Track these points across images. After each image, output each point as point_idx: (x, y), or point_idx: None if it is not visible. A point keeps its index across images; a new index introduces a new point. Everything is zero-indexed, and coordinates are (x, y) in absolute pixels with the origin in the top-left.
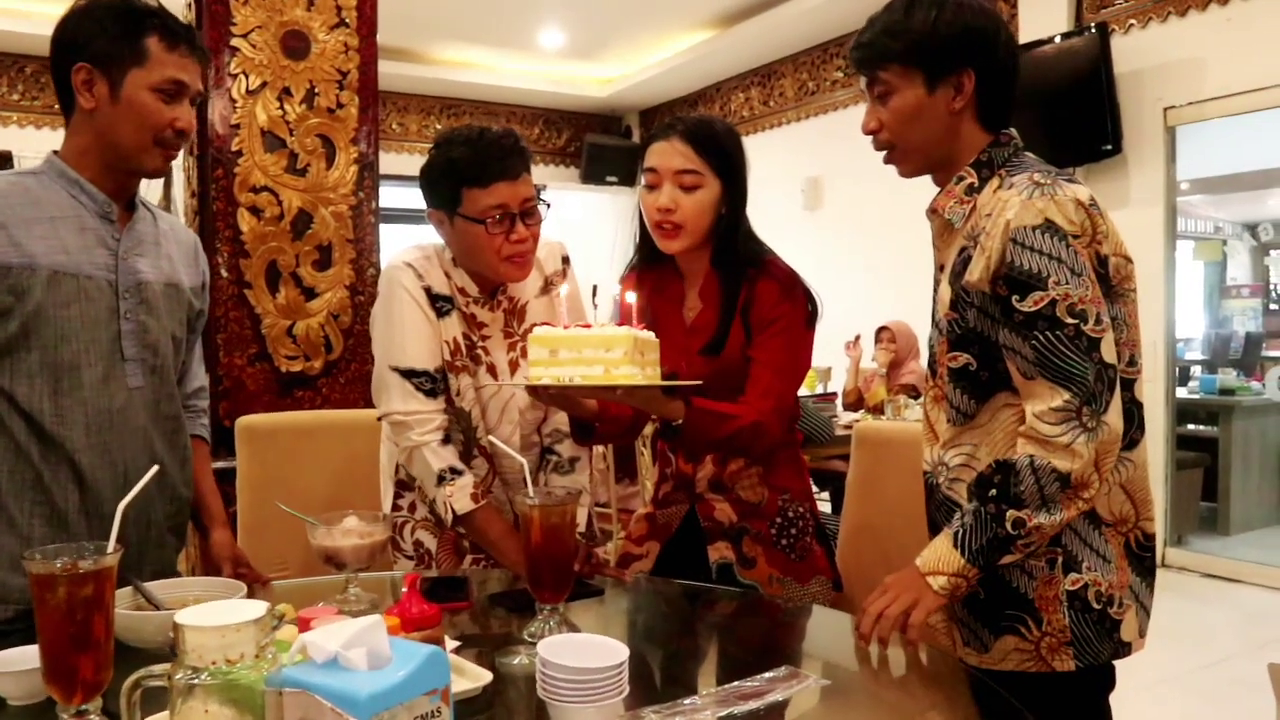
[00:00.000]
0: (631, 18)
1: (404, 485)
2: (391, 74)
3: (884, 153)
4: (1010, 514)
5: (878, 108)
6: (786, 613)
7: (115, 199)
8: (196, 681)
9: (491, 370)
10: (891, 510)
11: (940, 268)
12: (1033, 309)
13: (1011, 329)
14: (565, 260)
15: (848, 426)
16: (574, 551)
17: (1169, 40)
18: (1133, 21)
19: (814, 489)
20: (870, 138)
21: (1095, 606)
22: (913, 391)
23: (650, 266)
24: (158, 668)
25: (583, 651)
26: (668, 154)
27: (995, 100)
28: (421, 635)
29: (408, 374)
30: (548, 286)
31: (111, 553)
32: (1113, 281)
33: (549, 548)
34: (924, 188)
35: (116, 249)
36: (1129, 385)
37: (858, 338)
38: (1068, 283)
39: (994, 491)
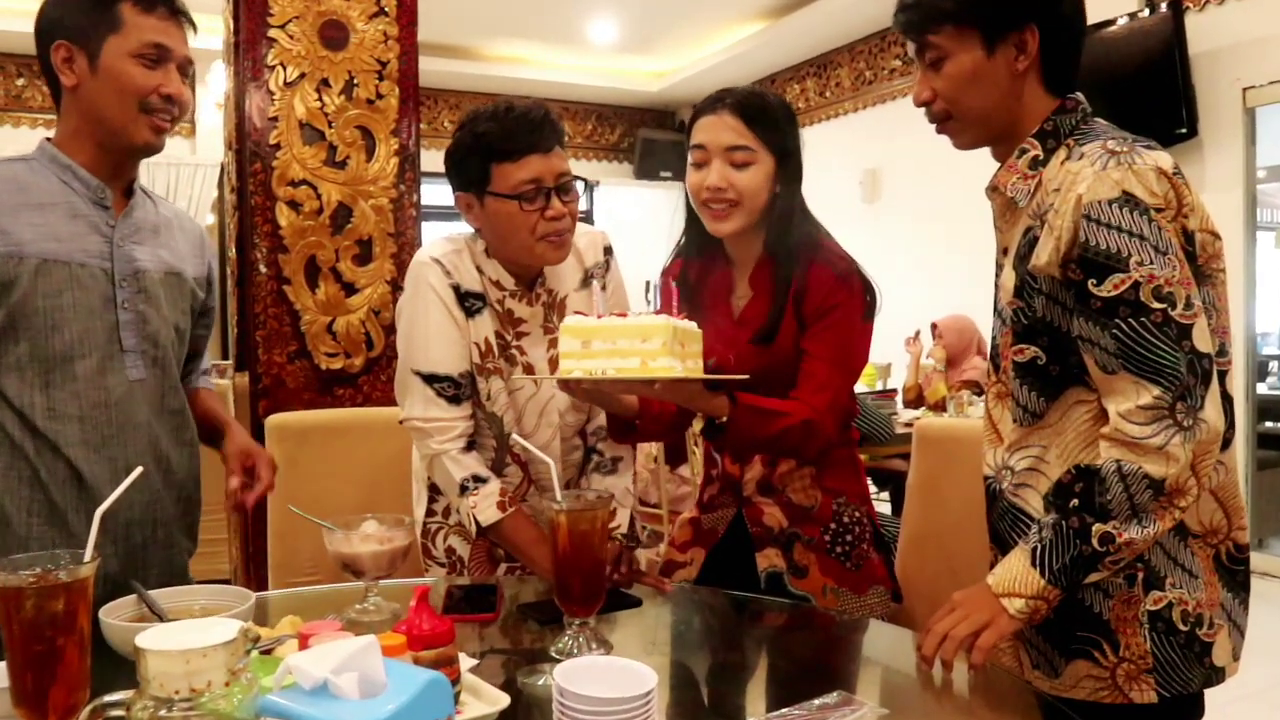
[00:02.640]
0: (683, 10)
1: (438, 489)
2: (442, 71)
3: (937, 124)
4: (1097, 528)
5: (930, 75)
6: (841, 627)
7: (110, 184)
8: (162, 714)
9: (529, 370)
10: (956, 515)
11: (1004, 251)
12: (1112, 294)
13: (1088, 318)
14: (608, 251)
15: (908, 424)
16: (605, 562)
17: (1248, 16)
18: None
19: (873, 490)
20: (924, 111)
21: (1182, 628)
22: (975, 388)
23: (698, 254)
24: (117, 696)
25: (606, 677)
26: (716, 129)
27: (1061, 59)
28: (432, 654)
29: (429, 379)
30: (588, 279)
31: (87, 563)
32: (1199, 261)
33: (578, 557)
34: (982, 178)
35: (111, 236)
36: (1220, 378)
37: (918, 333)
38: (1152, 262)
39: (1076, 502)
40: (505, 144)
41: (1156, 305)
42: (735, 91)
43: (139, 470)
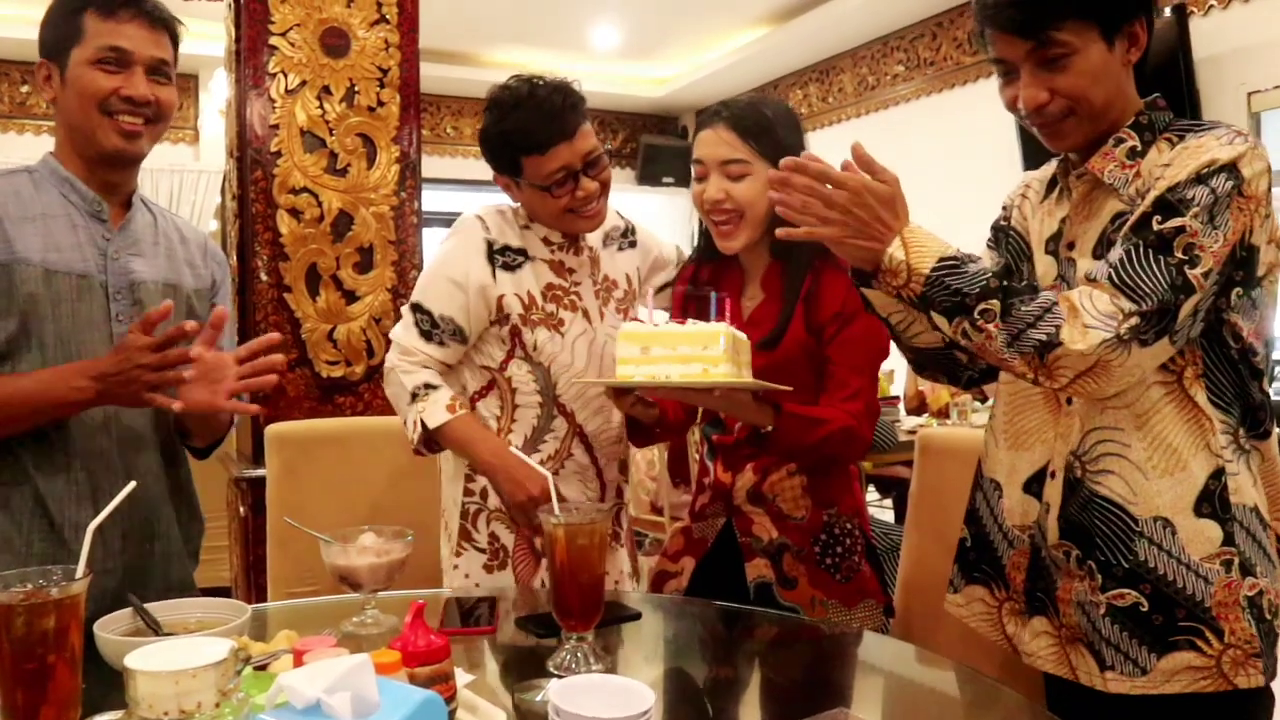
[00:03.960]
0: (686, 16)
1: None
2: (444, 77)
3: (1049, 124)
4: (992, 304)
5: (1044, 75)
6: (834, 640)
7: (107, 197)
8: None
9: (586, 315)
10: (959, 526)
11: (1070, 245)
12: (1157, 227)
13: (1124, 238)
14: (630, 231)
15: (911, 431)
16: (603, 576)
17: (1252, 21)
18: (1212, 3)
19: (875, 497)
20: (1027, 114)
21: (1268, 616)
22: (979, 394)
23: (710, 257)
24: (108, 716)
25: (603, 696)
26: (712, 144)
27: (1146, 53)
28: (428, 671)
29: (415, 307)
30: (607, 240)
31: (79, 579)
32: (1260, 270)
33: (576, 571)
34: (984, 184)
35: (106, 249)
36: (1258, 375)
37: None
38: (1202, 224)
39: (1009, 283)
40: (531, 139)
41: (1179, 255)
42: (732, 105)
43: (131, 485)
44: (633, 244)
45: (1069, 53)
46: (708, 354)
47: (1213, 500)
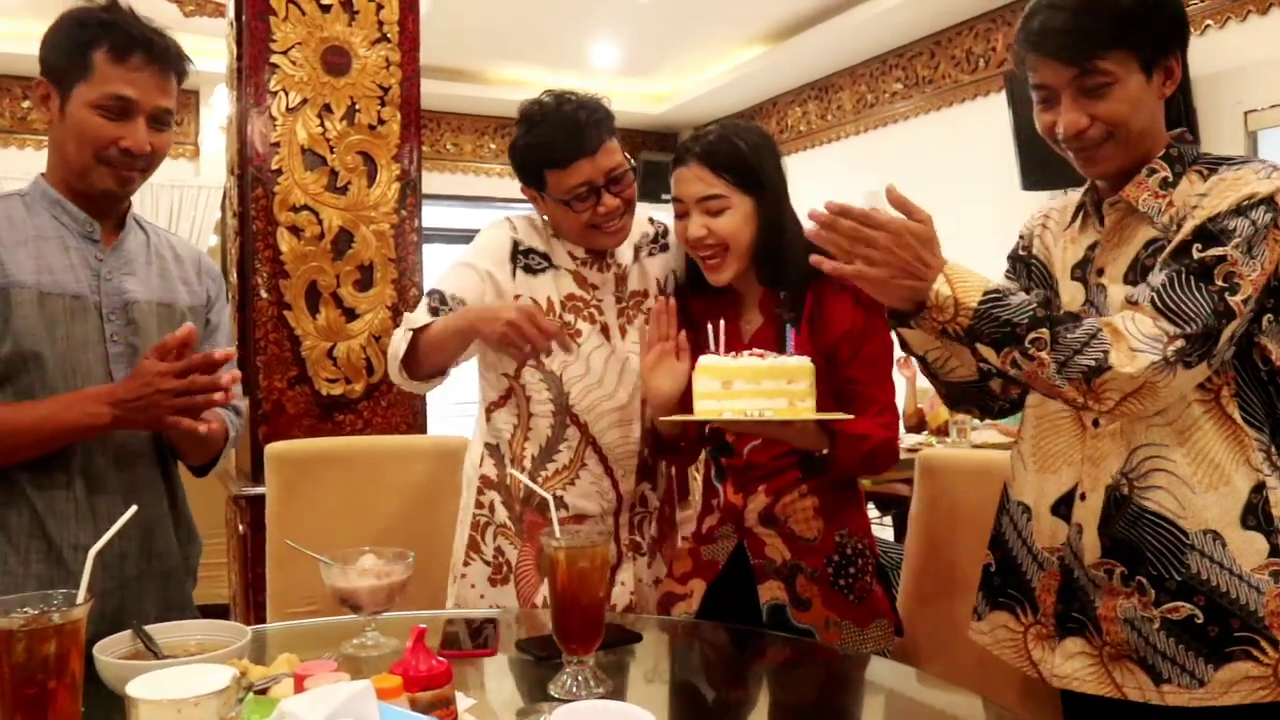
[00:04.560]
0: (685, 34)
1: (489, 482)
2: (445, 94)
3: (1085, 151)
4: (1042, 332)
5: (1084, 102)
6: (845, 662)
7: (99, 218)
8: None
9: (605, 331)
10: (959, 547)
11: (1099, 271)
12: (1198, 255)
13: (1163, 265)
14: (662, 234)
15: (911, 449)
16: (604, 600)
17: (1249, 40)
18: (1209, 22)
19: (875, 514)
20: (1066, 140)
21: None
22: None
23: (699, 287)
24: None
25: None
26: (688, 181)
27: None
28: (429, 695)
29: (430, 293)
30: (637, 254)
31: (80, 604)
32: None
33: (577, 594)
34: (983, 201)
35: (99, 269)
36: None
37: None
38: (1241, 254)
39: (1054, 314)
40: (553, 154)
41: (1219, 283)
42: (702, 137)
43: (133, 509)
44: (664, 247)
45: (1110, 81)
46: (793, 388)
47: (1257, 513)
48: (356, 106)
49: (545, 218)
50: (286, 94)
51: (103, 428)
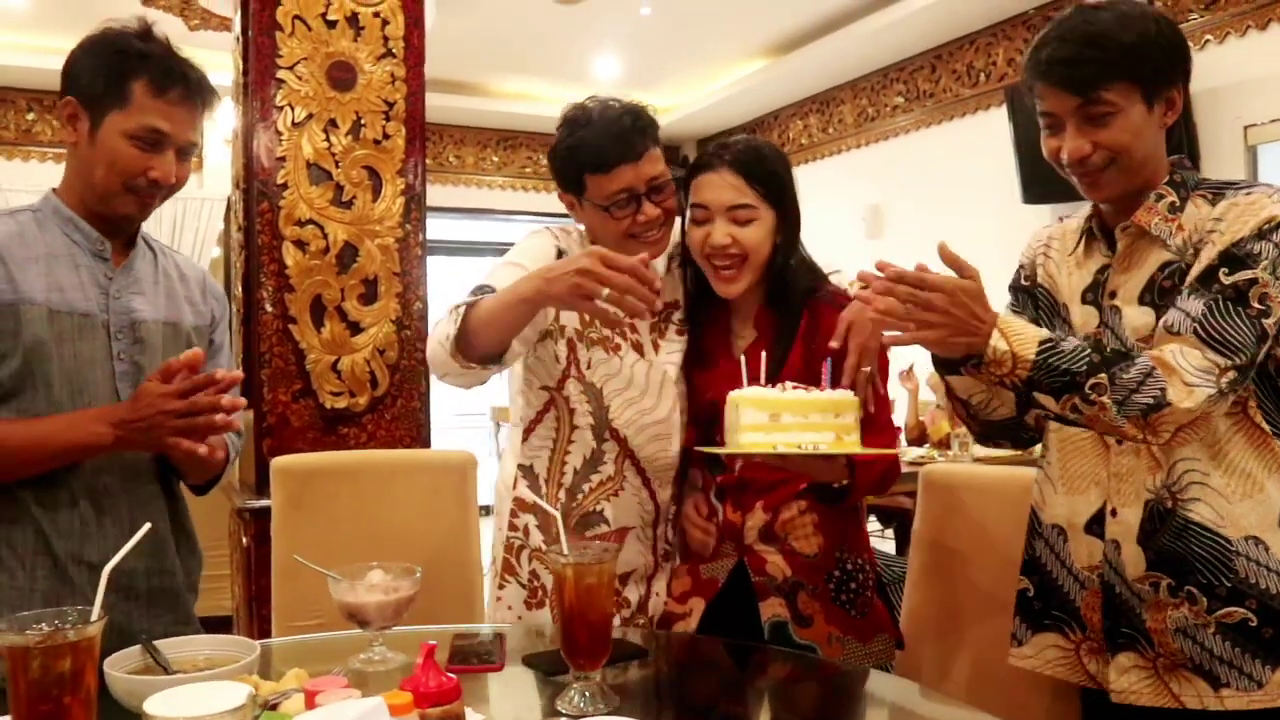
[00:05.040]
0: (687, 47)
1: (523, 505)
2: (448, 107)
3: (1089, 175)
4: (1101, 377)
5: (1087, 129)
6: (848, 677)
7: (110, 236)
8: None
9: (637, 348)
10: (963, 564)
11: (1112, 294)
12: (1228, 280)
13: (1192, 290)
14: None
15: (912, 463)
16: (611, 615)
17: (1248, 56)
18: (1209, 37)
19: (879, 527)
20: (1070, 165)
21: None
22: None
23: (697, 298)
24: None
25: None
26: (718, 188)
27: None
28: (439, 711)
29: (479, 288)
30: (669, 265)
31: (95, 621)
32: None
33: (584, 610)
34: (984, 215)
35: (108, 288)
36: None
37: (910, 367)
38: (1272, 277)
39: (1108, 355)
40: (596, 157)
41: (1256, 305)
42: (732, 146)
43: (147, 526)
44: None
45: (1113, 111)
46: (841, 422)
47: None
48: (362, 121)
49: (582, 227)
50: (292, 109)
51: (105, 447)
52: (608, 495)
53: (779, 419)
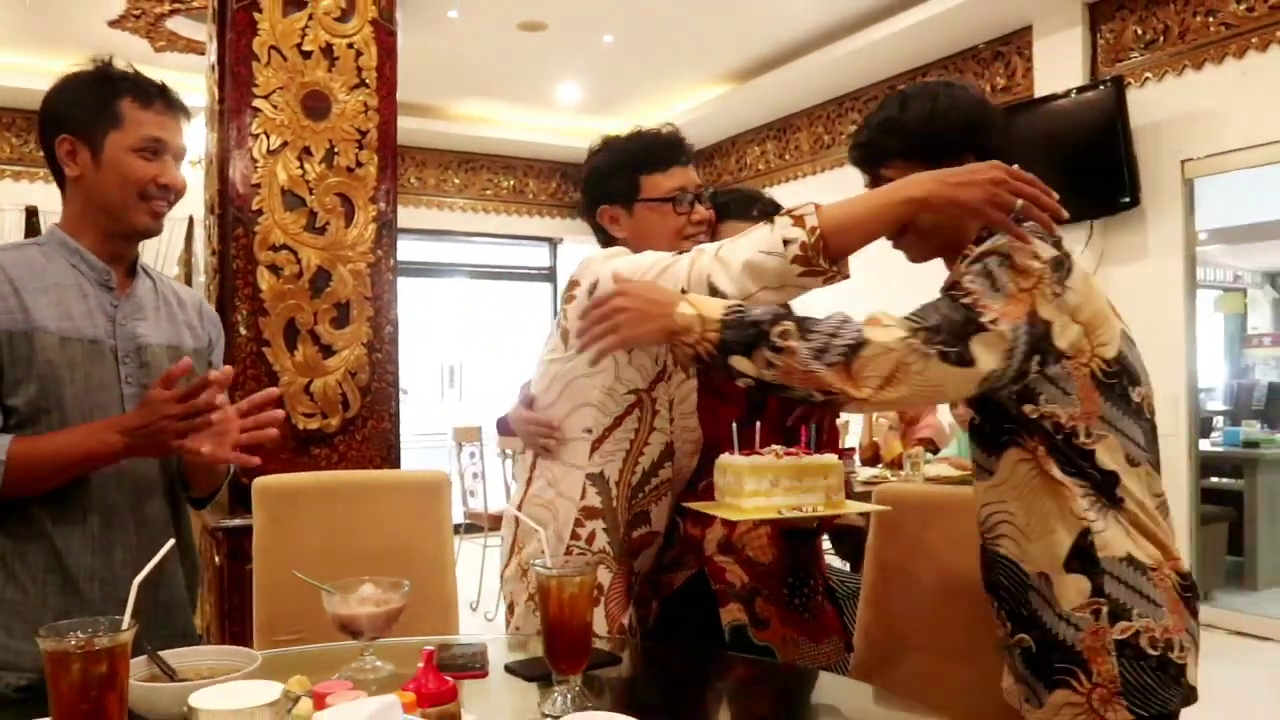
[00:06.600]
0: (648, 73)
1: (592, 512)
2: (411, 129)
3: (894, 241)
4: (787, 325)
5: None
6: (806, 678)
7: (114, 265)
8: None
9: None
10: (916, 582)
11: None
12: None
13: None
14: None
15: (865, 483)
16: (591, 623)
17: (1185, 93)
18: (1148, 75)
19: (829, 546)
20: None
21: (1151, 653)
22: (931, 446)
23: None
24: None
25: None
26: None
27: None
28: (438, 711)
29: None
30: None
31: (126, 629)
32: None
33: (567, 618)
34: None
35: (115, 315)
36: (1085, 455)
37: None
38: (980, 282)
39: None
40: (653, 158)
41: (956, 294)
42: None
43: (171, 543)
44: None
45: None
46: (829, 483)
47: (1082, 556)
48: (335, 150)
49: (623, 237)
50: (268, 137)
51: (116, 454)
52: (658, 498)
53: (779, 483)
